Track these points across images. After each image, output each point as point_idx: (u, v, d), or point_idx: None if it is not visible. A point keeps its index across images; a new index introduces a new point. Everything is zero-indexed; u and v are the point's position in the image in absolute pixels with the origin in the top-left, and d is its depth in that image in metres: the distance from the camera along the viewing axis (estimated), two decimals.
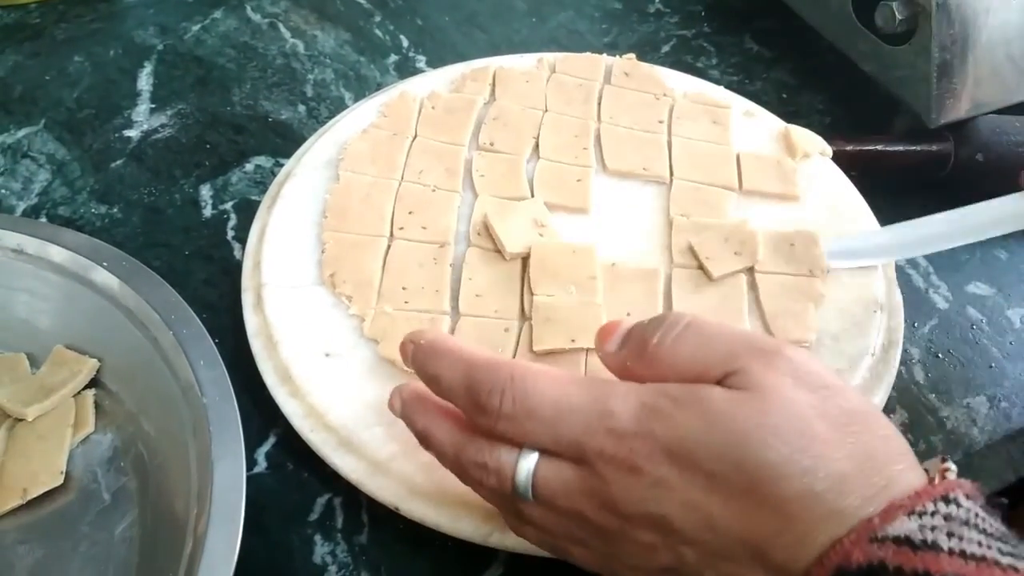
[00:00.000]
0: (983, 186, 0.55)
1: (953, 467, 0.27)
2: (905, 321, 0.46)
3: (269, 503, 0.40)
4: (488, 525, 0.36)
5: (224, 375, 0.38)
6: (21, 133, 0.58)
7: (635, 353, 0.31)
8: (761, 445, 0.27)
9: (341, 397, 0.40)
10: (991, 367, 0.48)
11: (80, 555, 0.38)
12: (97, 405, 0.42)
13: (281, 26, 0.67)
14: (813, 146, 0.53)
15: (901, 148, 0.56)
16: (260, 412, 0.42)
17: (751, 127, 0.56)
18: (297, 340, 0.42)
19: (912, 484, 0.26)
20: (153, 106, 0.60)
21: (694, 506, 0.27)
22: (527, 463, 0.30)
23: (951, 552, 0.24)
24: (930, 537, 0.24)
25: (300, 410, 0.40)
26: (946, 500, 0.25)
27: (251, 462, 0.41)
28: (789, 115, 0.57)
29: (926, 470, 0.28)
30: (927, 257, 0.53)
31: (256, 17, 0.68)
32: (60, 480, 0.39)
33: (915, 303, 0.50)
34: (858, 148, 0.56)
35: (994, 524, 0.25)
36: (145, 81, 0.62)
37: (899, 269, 0.50)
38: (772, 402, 0.28)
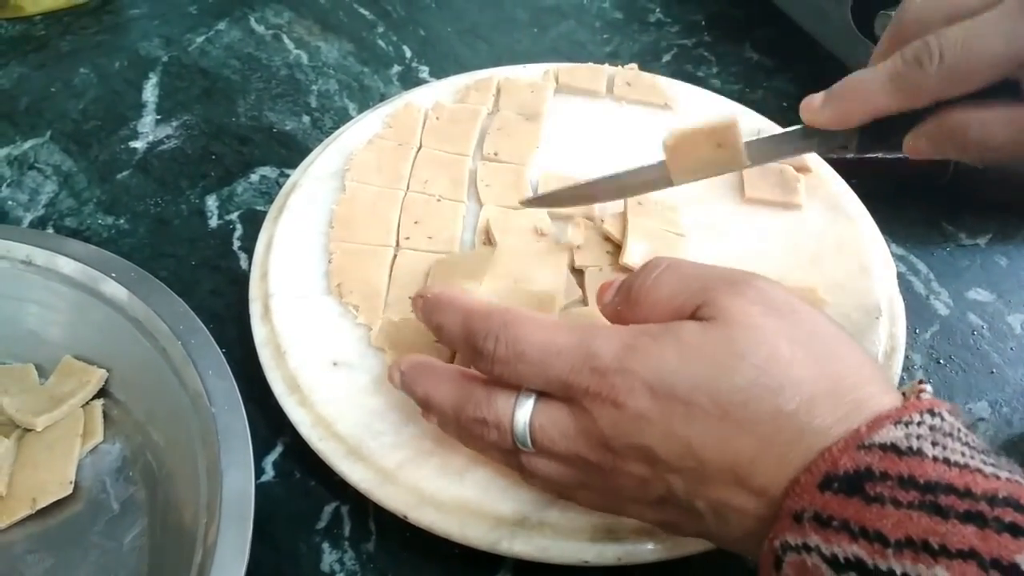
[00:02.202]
0: (983, 192, 0.56)
1: (929, 388, 0.29)
2: (907, 327, 0.47)
3: (277, 512, 0.40)
4: (496, 532, 0.36)
5: (232, 385, 0.38)
6: (27, 145, 0.58)
7: (623, 298, 0.34)
8: (730, 371, 0.28)
9: (349, 406, 0.40)
10: (992, 373, 0.48)
11: (89, 564, 0.38)
12: (106, 415, 0.42)
13: (285, 37, 0.68)
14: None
15: (901, 156, 0.57)
16: (267, 421, 0.42)
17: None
18: (305, 350, 0.42)
19: (886, 406, 0.27)
20: (158, 117, 0.61)
21: (675, 436, 0.29)
22: (523, 412, 0.31)
23: (935, 459, 0.25)
24: (915, 444, 0.25)
25: (308, 419, 0.40)
26: (931, 413, 0.27)
27: (259, 471, 0.41)
28: (789, 124, 0.57)
29: (904, 394, 0.29)
30: (928, 263, 0.53)
31: (260, 29, 0.69)
32: (69, 490, 0.39)
33: (916, 309, 0.50)
34: (858, 156, 0.57)
35: (976, 440, 0.27)
36: (150, 92, 0.62)
37: (900, 276, 0.50)
38: (739, 328, 0.29)
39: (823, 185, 0.53)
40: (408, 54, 0.67)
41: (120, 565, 0.38)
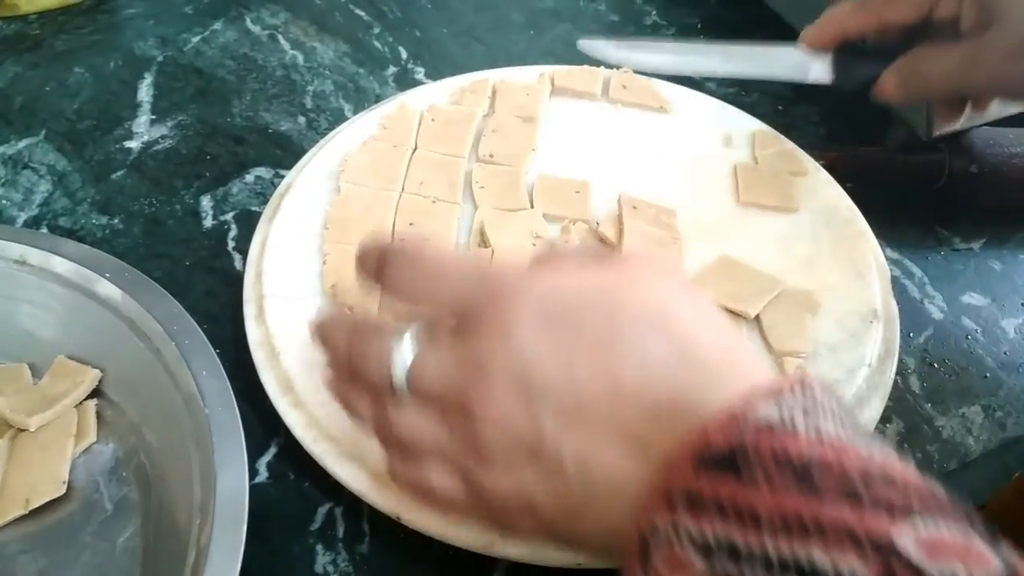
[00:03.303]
0: (977, 197, 0.56)
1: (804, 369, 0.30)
2: (901, 331, 0.47)
3: (270, 513, 0.40)
4: (489, 534, 0.36)
5: (226, 386, 0.38)
6: (22, 144, 0.58)
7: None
8: (625, 300, 0.29)
9: None
10: (986, 377, 0.48)
11: (82, 565, 0.38)
12: (99, 415, 0.42)
13: (281, 38, 0.68)
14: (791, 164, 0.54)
15: (896, 160, 0.57)
16: (261, 422, 0.42)
17: (745, 140, 0.56)
18: (299, 351, 0.42)
19: (762, 375, 0.28)
20: (153, 117, 0.60)
21: (557, 358, 0.28)
22: (406, 343, 0.31)
23: (808, 435, 0.24)
24: (789, 420, 0.25)
25: (302, 420, 0.40)
26: (803, 388, 0.26)
27: (252, 472, 0.41)
28: (785, 127, 0.58)
29: None
30: (922, 268, 0.53)
31: (256, 29, 0.68)
32: (62, 490, 0.39)
33: (911, 313, 0.51)
34: (853, 160, 0.57)
35: (849, 415, 0.26)
36: (145, 92, 0.62)
37: (895, 280, 0.51)
38: (635, 264, 0.31)
39: (818, 189, 0.53)
40: (404, 55, 0.67)
41: (113, 566, 0.38)
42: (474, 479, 0.30)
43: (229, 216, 0.54)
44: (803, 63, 0.54)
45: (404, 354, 0.31)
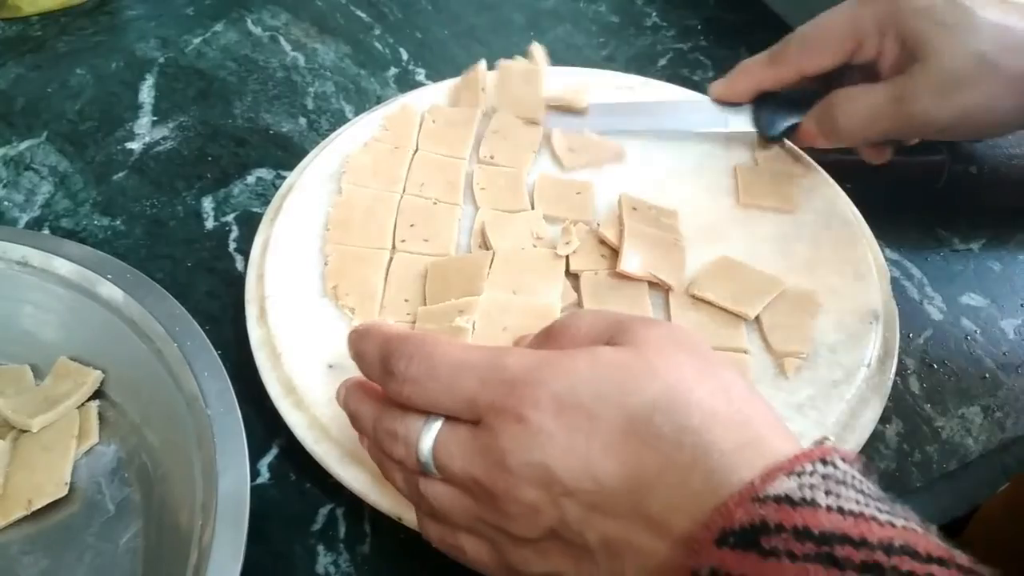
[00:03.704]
0: (977, 198, 0.56)
1: (831, 438, 0.29)
2: (900, 332, 0.47)
3: (272, 513, 0.40)
4: None
5: (228, 387, 0.38)
6: (23, 145, 0.58)
7: (542, 336, 0.34)
8: (639, 385, 0.29)
9: None
10: (985, 377, 0.48)
11: (85, 566, 0.38)
12: (101, 416, 0.43)
13: (282, 39, 0.68)
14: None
15: (895, 161, 0.57)
16: (262, 423, 0.42)
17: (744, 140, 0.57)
18: (301, 352, 0.43)
19: (784, 449, 0.27)
20: (155, 118, 0.61)
21: (576, 452, 0.28)
22: (431, 429, 0.31)
23: (829, 508, 0.25)
24: (809, 494, 0.25)
25: (304, 421, 0.40)
26: (823, 462, 0.26)
27: (254, 473, 0.41)
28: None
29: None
30: (922, 268, 0.53)
31: (257, 30, 0.69)
32: (64, 491, 0.39)
33: (910, 314, 0.51)
34: (853, 161, 0.57)
35: (870, 487, 0.26)
36: (147, 94, 0.62)
37: (894, 280, 0.51)
38: (652, 351, 0.30)
39: (818, 190, 0.53)
40: (405, 57, 0.67)
41: (115, 566, 0.38)
42: (505, 556, 0.31)
43: (230, 217, 0.54)
44: (723, 115, 0.54)
45: (430, 434, 0.31)
